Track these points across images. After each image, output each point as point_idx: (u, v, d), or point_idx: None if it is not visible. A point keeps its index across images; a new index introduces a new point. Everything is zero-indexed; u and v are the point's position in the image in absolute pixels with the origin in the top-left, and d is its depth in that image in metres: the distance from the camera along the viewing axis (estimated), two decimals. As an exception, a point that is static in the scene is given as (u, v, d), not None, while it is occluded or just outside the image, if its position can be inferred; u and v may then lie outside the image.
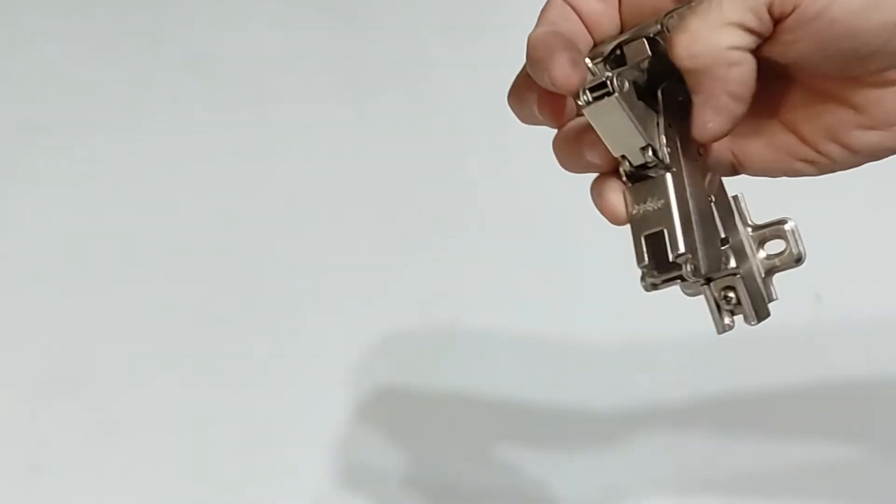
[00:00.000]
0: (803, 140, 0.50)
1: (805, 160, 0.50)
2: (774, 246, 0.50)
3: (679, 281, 0.47)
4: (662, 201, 0.47)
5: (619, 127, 0.47)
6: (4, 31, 0.96)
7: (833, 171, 0.51)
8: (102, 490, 0.73)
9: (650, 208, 0.47)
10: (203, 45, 0.95)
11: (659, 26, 0.47)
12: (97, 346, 0.79)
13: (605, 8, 0.48)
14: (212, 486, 0.73)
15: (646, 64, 0.48)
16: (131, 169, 0.88)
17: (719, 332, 0.50)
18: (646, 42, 0.48)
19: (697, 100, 0.46)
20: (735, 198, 0.50)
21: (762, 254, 0.50)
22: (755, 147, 0.50)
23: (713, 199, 0.49)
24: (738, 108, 0.46)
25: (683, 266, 0.47)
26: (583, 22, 0.48)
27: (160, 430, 0.75)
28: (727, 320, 0.50)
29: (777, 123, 0.50)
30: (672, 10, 0.47)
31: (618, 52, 0.48)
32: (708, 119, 0.46)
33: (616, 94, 0.45)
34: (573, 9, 0.48)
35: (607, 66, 0.48)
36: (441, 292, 0.81)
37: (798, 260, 0.50)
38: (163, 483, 0.73)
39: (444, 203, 0.86)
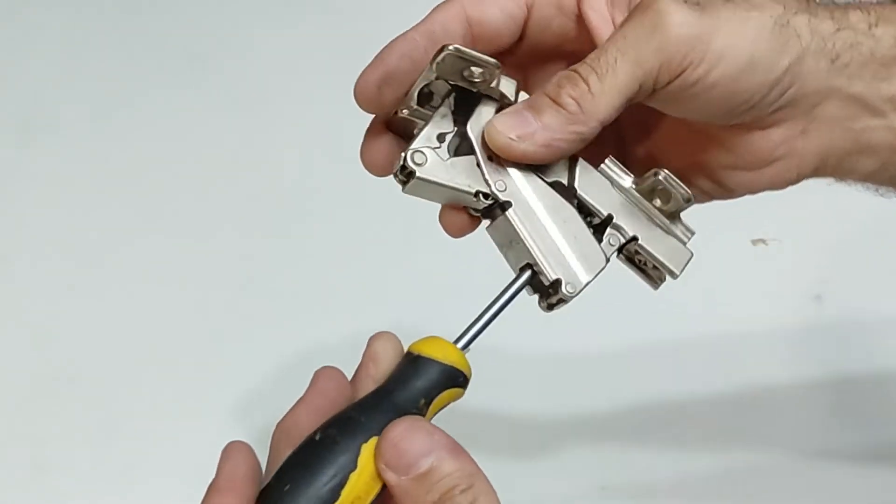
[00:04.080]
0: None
1: None
2: (664, 194, 0.49)
3: (563, 302, 0.47)
4: (515, 239, 0.47)
5: (441, 192, 0.47)
6: (5, 30, 0.96)
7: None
8: (104, 490, 0.73)
9: (510, 245, 0.47)
10: (203, 45, 0.95)
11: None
12: (97, 346, 0.79)
13: (504, 21, 0.48)
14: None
15: (451, 103, 0.48)
16: (132, 168, 0.88)
17: (655, 289, 0.51)
18: (447, 81, 0.47)
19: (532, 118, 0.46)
20: (602, 167, 0.49)
21: (657, 202, 0.50)
22: None
23: (577, 189, 0.48)
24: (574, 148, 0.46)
25: (561, 289, 0.47)
26: (471, 32, 0.47)
27: (161, 430, 0.75)
28: (655, 275, 0.51)
29: (648, 155, 0.51)
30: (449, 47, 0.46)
31: (425, 90, 0.48)
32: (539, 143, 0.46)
33: (418, 173, 0.46)
34: (468, 19, 0.47)
35: (424, 107, 0.48)
36: (442, 292, 0.81)
37: (688, 200, 0.49)
38: (164, 483, 0.73)
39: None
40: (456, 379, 0.44)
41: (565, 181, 0.48)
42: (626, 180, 0.49)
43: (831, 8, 0.48)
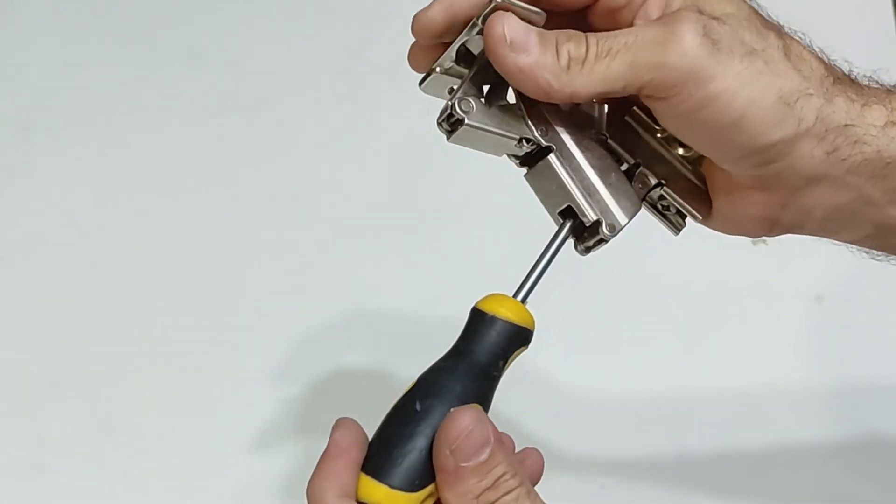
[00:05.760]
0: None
1: None
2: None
3: (603, 243, 0.49)
4: (557, 182, 0.49)
5: (486, 139, 0.48)
6: (5, 30, 0.96)
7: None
8: (103, 490, 0.73)
9: (551, 189, 0.49)
10: (203, 45, 0.95)
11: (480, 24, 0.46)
12: (97, 346, 0.79)
13: None
14: (213, 487, 0.73)
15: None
16: (131, 168, 0.88)
17: (675, 234, 0.53)
18: (482, 38, 0.47)
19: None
20: (628, 117, 0.51)
21: (680, 150, 0.51)
22: None
23: (607, 136, 0.50)
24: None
25: (600, 230, 0.48)
26: None
27: (161, 430, 0.75)
28: (675, 221, 0.53)
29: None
30: (486, 10, 0.46)
31: (463, 50, 0.48)
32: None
33: (466, 120, 0.47)
34: None
35: (460, 65, 0.48)
36: (442, 292, 0.81)
37: None
38: (164, 483, 0.73)
39: (446, 203, 0.86)
40: (527, 338, 0.47)
41: (597, 129, 0.50)
42: (651, 129, 0.51)
43: (854, 98, 0.46)
